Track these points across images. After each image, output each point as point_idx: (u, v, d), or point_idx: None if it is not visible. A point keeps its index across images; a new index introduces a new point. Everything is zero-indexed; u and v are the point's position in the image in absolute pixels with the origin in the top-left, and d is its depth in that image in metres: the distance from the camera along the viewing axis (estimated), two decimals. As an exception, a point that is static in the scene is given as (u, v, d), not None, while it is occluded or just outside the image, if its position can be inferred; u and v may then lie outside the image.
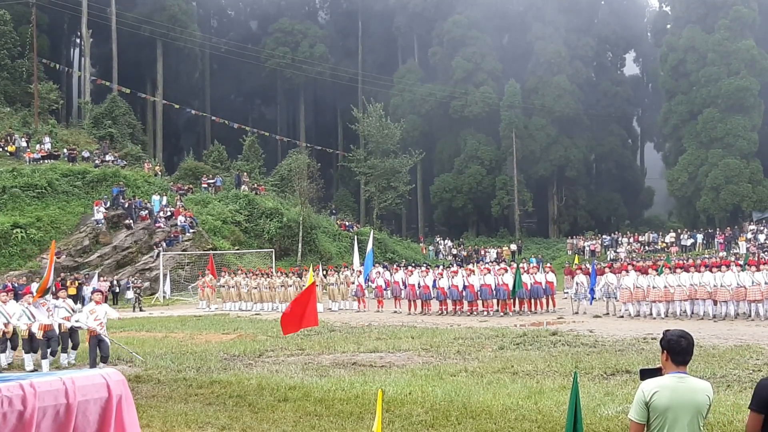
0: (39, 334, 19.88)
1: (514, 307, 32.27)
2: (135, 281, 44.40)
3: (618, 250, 63.96)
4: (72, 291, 36.25)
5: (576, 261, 50.93)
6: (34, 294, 23.59)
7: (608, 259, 59.15)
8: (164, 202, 55.02)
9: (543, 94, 78.62)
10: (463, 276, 33.32)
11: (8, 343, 20.91)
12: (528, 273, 33.00)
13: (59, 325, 20.72)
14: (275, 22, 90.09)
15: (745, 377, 15.22)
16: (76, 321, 20.05)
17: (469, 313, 32.41)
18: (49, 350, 20.08)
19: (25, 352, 20.08)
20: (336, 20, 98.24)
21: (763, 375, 13.96)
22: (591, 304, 31.69)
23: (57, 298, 21.88)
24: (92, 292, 20.88)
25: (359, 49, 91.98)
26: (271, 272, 42.64)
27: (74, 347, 21.18)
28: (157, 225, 52.06)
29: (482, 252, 68.89)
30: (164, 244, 49.81)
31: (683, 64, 70.13)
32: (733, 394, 13.26)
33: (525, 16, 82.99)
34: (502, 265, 41.52)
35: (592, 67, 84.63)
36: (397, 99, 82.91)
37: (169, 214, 53.67)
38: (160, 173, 63.66)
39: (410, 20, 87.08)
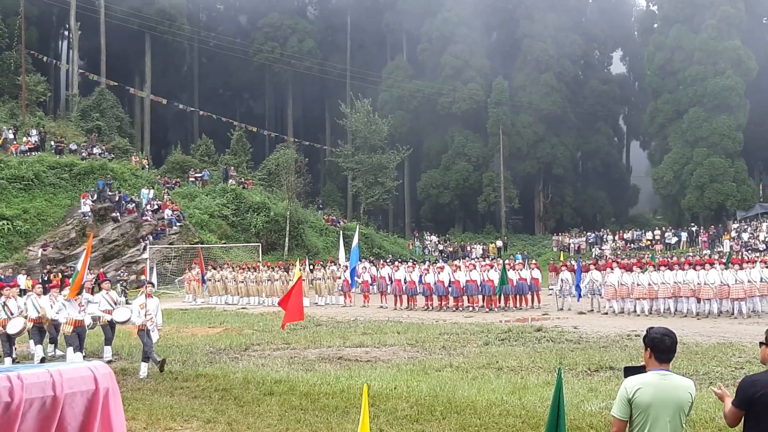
0: (68, 329, 18.93)
1: (499, 303, 32.37)
2: (121, 274, 44.30)
3: (603, 248, 64.16)
4: (57, 283, 36.08)
5: (561, 258, 51.14)
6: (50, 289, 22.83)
7: (593, 256, 59.33)
8: (151, 196, 54.87)
9: (530, 92, 78.79)
10: (448, 272, 33.44)
11: (40, 337, 20.22)
12: (514, 269, 33.17)
13: (99, 317, 20.01)
14: (264, 17, 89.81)
15: (727, 374, 15.35)
16: (118, 314, 19.41)
17: (454, 309, 32.49)
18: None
19: (67, 345, 19.13)
20: (325, 16, 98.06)
21: (745, 372, 14.08)
22: (578, 300, 31.84)
23: (96, 291, 20.80)
24: (144, 285, 19.36)
25: (348, 44, 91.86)
26: (258, 266, 42.64)
27: (108, 342, 20.28)
28: (144, 218, 51.94)
29: (468, 248, 68.93)
30: (151, 238, 49.69)
31: (670, 63, 70.42)
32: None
33: (513, 14, 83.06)
34: (488, 261, 41.64)
35: (580, 65, 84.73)
36: (385, 95, 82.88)
37: (156, 207, 53.54)
38: (147, 166, 63.50)
39: (399, 16, 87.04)
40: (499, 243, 70.16)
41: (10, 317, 19.22)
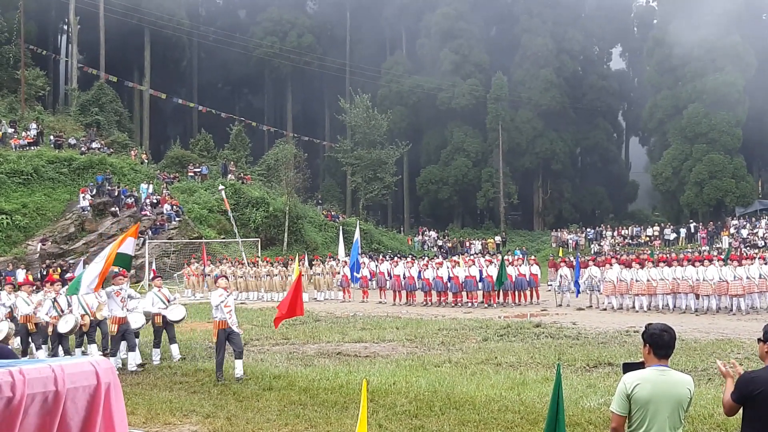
0: (113, 328, 17.61)
1: (498, 298, 32.43)
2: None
3: (602, 243, 64.23)
4: (55, 278, 35.98)
5: (560, 253, 51.19)
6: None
7: (592, 252, 59.43)
8: (150, 190, 54.87)
9: (530, 87, 78.84)
10: (447, 267, 33.49)
11: (83, 337, 19.18)
12: (513, 265, 33.23)
13: (153, 316, 19.09)
14: (263, 12, 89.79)
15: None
16: (173, 313, 18.95)
17: (453, 305, 32.56)
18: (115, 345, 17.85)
19: (111, 348, 17.84)
20: (324, 10, 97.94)
21: (744, 369, 14.11)
22: (577, 296, 31.89)
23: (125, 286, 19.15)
24: (217, 278, 17.92)
25: (347, 39, 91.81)
26: (257, 261, 42.66)
27: (171, 340, 19.05)
28: (143, 213, 51.92)
29: (467, 243, 69.06)
30: (150, 232, 49.67)
31: (669, 59, 70.35)
32: (714, 388, 13.40)
33: (512, 9, 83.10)
34: (488, 256, 41.71)
35: (579, 60, 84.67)
36: (385, 90, 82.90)
37: (155, 202, 53.54)
38: (146, 161, 63.47)
39: (399, 11, 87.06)
40: (498, 239, 70.20)
41: (60, 314, 18.42)
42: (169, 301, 19.55)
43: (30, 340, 19.58)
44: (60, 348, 18.24)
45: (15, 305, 19.66)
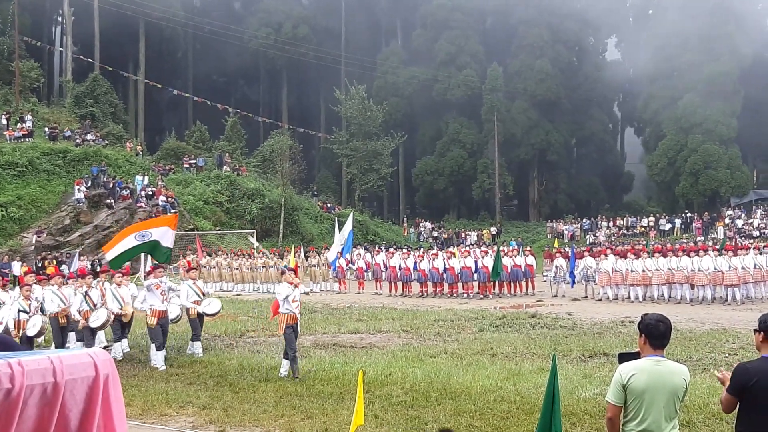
0: (152, 321, 17.02)
1: (493, 289, 32.48)
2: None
3: (597, 234, 64.30)
4: (51, 270, 35.91)
5: (555, 244, 51.24)
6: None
7: (587, 242, 59.47)
8: (145, 182, 54.80)
9: (525, 78, 78.69)
10: (443, 258, 33.53)
11: (122, 331, 18.76)
12: (508, 256, 33.29)
13: (187, 309, 18.66)
14: (258, 3, 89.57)
15: (721, 360, 15.43)
16: (208, 306, 18.60)
17: (449, 296, 32.63)
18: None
19: (151, 341, 17.43)
20: (319, 1, 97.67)
21: (739, 359, 14.16)
22: (572, 287, 31.95)
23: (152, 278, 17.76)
24: (283, 272, 17.02)
25: (342, 30, 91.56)
26: (253, 253, 42.69)
27: (196, 337, 18.53)
28: (138, 205, 51.86)
29: (463, 235, 69.07)
30: (145, 224, 49.56)
31: (664, 49, 70.30)
32: (709, 377, 13.43)
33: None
34: (483, 247, 41.76)
35: (574, 51, 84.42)
36: (380, 81, 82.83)
37: (150, 193, 53.48)
38: (141, 153, 63.36)
39: (394, 2, 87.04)
40: (494, 230, 70.21)
41: (92, 309, 17.79)
42: (204, 294, 19.21)
43: (62, 334, 18.65)
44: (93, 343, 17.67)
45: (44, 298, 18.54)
